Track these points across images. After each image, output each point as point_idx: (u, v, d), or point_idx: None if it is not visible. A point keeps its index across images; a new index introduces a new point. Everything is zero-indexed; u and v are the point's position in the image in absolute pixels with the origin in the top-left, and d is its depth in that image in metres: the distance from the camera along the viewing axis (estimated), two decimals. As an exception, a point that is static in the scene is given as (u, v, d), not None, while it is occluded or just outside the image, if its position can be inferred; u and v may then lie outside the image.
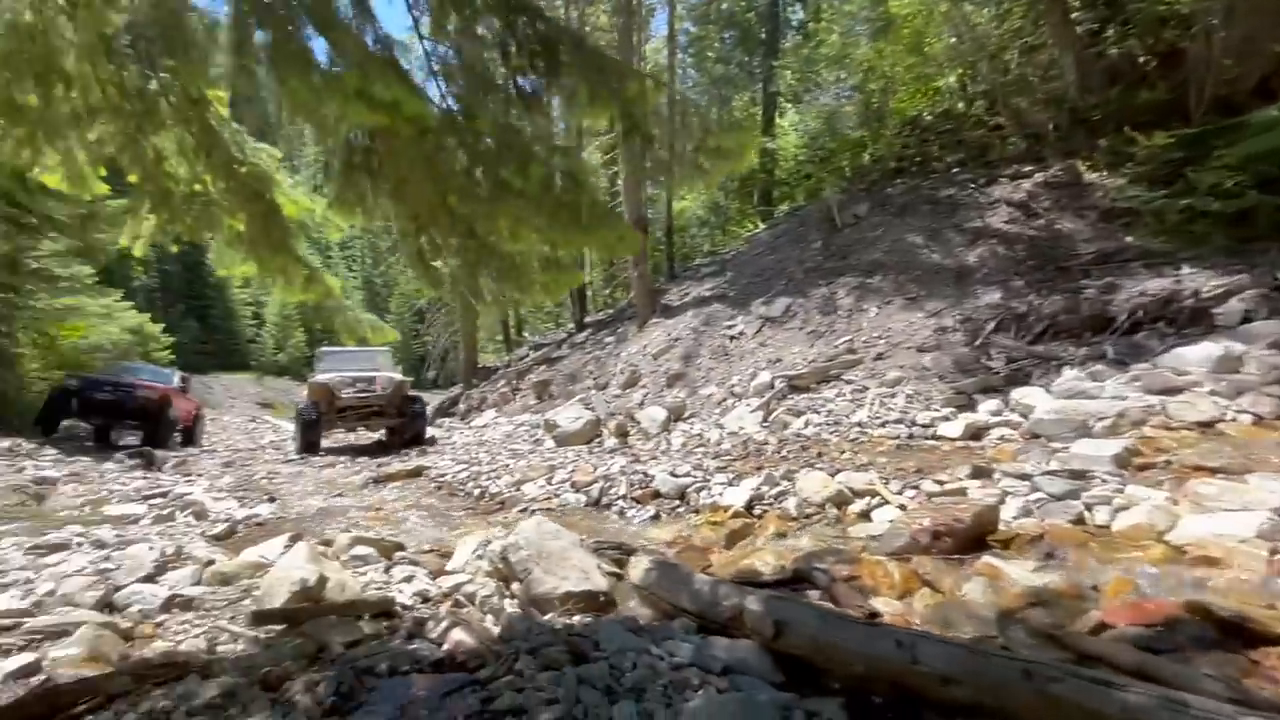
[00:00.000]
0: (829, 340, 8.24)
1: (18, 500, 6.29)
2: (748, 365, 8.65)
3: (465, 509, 5.57)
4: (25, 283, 10.99)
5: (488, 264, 2.63)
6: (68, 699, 1.73)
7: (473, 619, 2.73)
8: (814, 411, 6.54)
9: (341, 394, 10.02)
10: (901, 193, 10.98)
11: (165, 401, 11.48)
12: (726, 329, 9.88)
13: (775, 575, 2.87)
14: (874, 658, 1.69)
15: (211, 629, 2.77)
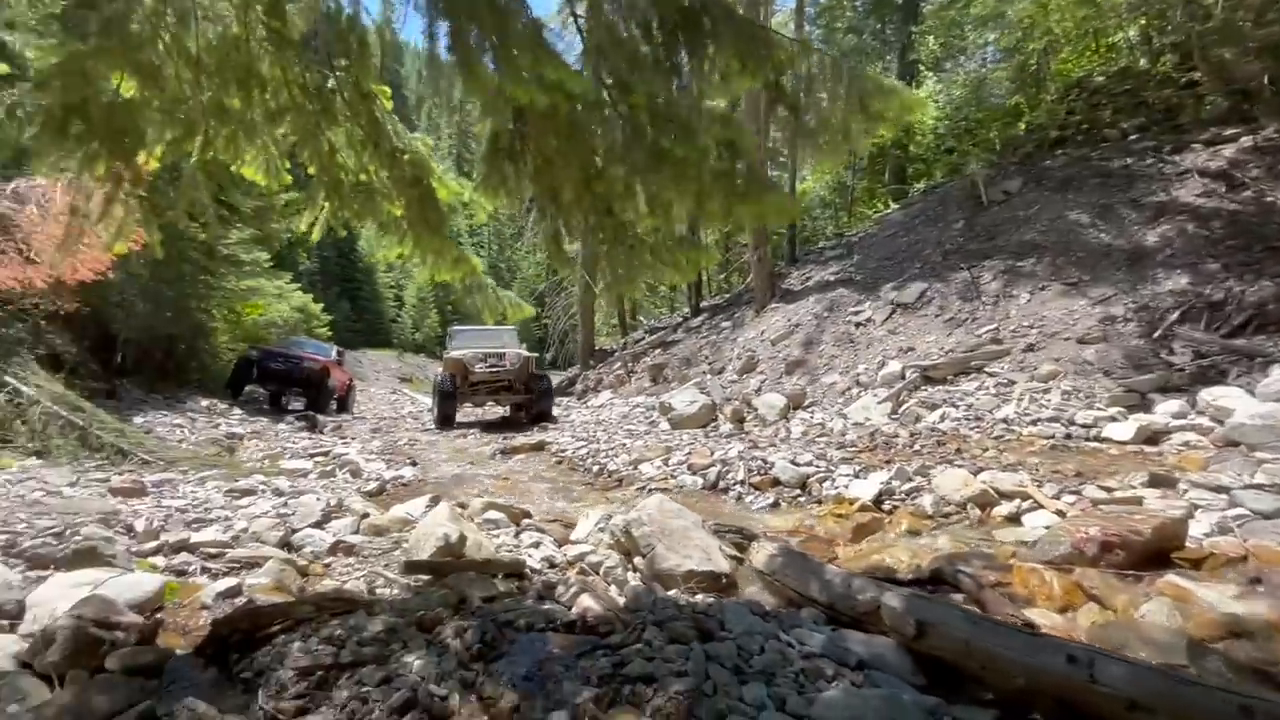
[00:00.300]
0: (970, 329, 7.58)
1: (215, 451, 7.41)
2: (875, 353, 8.19)
3: (584, 484, 5.79)
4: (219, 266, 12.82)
5: (622, 242, 2.67)
6: (266, 619, 2.01)
7: (598, 587, 2.83)
8: (951, 405, 6.07)
9: (474, 368, 10.44)
10: (1063, 165, 9.79)
11: (325, 372, 12.96)
12: (852, 315, 9.41)
13: (911, 574, 2.71)
14: (1039, 671, 1.53)
15: (370, 573, 3.10)
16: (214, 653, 1.93)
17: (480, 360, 10.50)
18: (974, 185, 10.44)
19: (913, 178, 15.91)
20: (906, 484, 4.07)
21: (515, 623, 2.14)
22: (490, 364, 10.52)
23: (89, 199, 2.49)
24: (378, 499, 5.14)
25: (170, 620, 2.31)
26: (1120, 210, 8.16)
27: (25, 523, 3.31)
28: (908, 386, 6.86)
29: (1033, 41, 11.61)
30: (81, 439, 6.01)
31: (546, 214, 2.78)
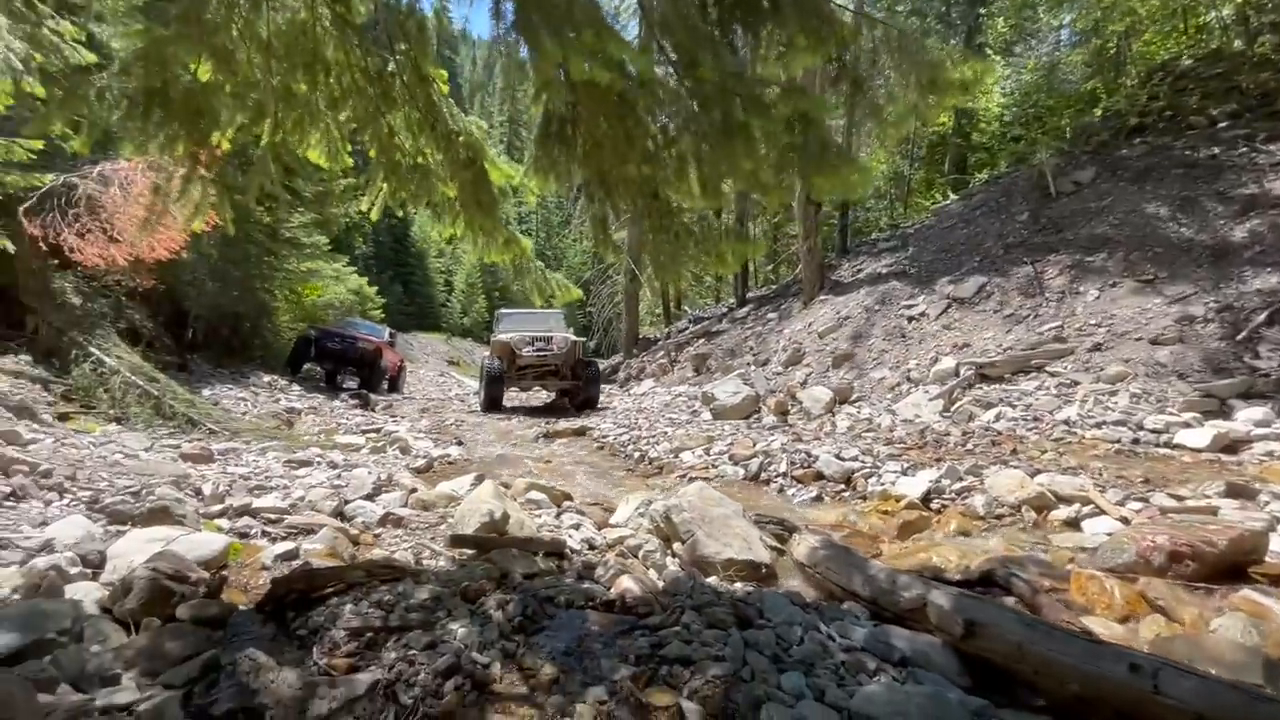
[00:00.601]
0: (1031, 326, 7.25)
1: (276, 424, 7.78)
2: (928, 349, 7.93)
3: (625, 469, 5.84)
4: (281, 249, 13.39)
5: (668, 229, 2.66)
6: (321, 581, 2.11)
7: (637, 570, 2.86)
8: (1007, 404, 5.83)
9: (521, 352, 10.31)
10: (1141, 155, 9.21)
11: (379, 353, 13.41)
12: (905, 309, 9.13)
13: (960, 575, 2.62)
14: (1098, 678, 1.46)
15: (417, 545, 3.22)
16: (273, 610, 2.04)
17: (527, 344, 10.34)
18: (1041, 175, 9.93)
19: (974, 168, 15.26)
20: (957, 483, 3.94)
21: (556, 599, 2.18)
22: (538, 348, 10.35)
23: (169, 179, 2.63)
24: (425, 475, 5.31)
25: (233, 578, 2.44)
26: (1204, 203, 7.63)
27: (107, 481, 3.56)
28: (962, 384, 6.62)
29: (1113, 23, 10.92)
30: (156, 408, 6.40)
31: (594, 198, 2.79)
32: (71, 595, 2.07)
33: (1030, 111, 12.52)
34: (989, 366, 6.69)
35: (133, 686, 1.53)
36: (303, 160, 3.26)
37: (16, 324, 7.00)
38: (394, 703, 1.53)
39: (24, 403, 5.29)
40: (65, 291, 7.42)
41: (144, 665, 1.64)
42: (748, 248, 3.01)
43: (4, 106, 3.06)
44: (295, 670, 1.60)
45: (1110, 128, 10.41)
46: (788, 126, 1.96)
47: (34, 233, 6.37)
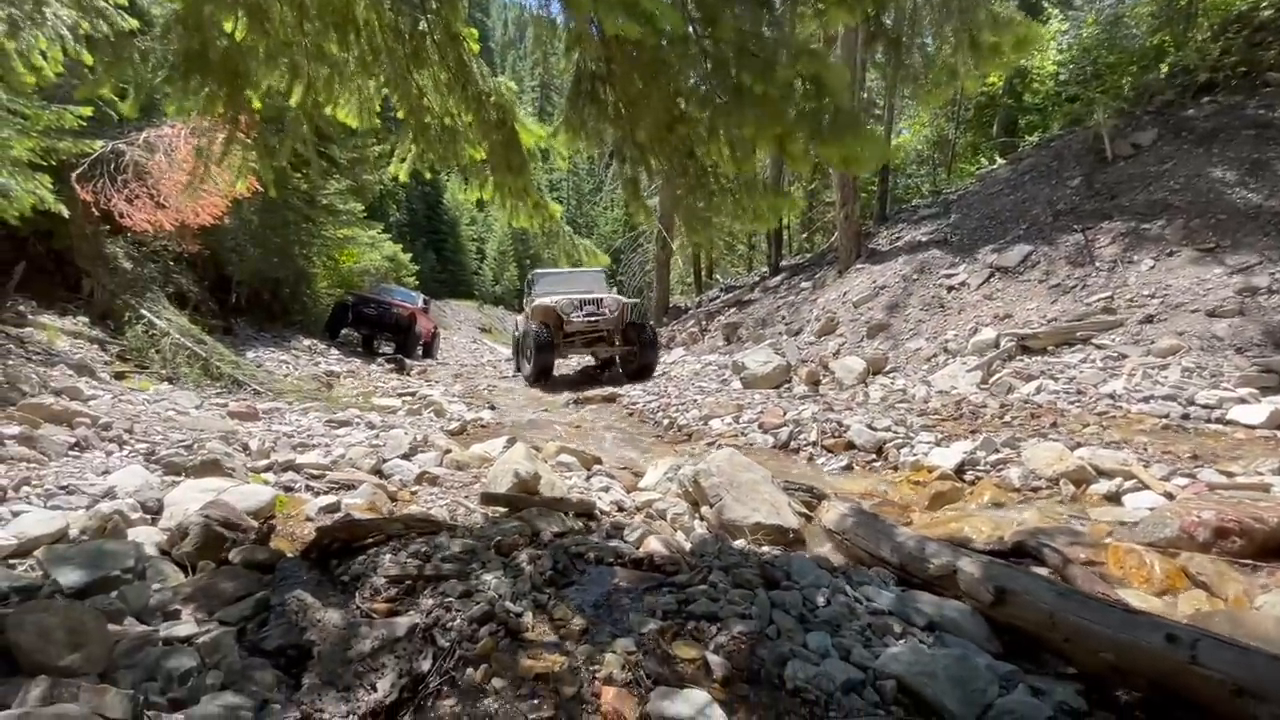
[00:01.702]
0: (1078, 297, 6.99)
1: (316, 386, 8.04)
2: (967, 320, 7.72)
3: (654, 436, 5.89)
4: (318, 215, 13.62)
5: (703, 187, 2.62)
6: (362, 532, 2.21)
7: (665, 531, 2.91)
8: (1049, 377, 5.67)
9: (570, 317, 9.39)
10: (1209, 114, 8.65)
11: (413, 319, 13.66)
12: (944, 278, 8.87)
13: (991, 545, 2.60)
14: (1133, 648, 1.45)
15: (452, 502, 3.33)
16: (317, 557, 2.14)
17: (576, 308, 9.41)
18: (1097, 137, 9.42)
19: (1025, 130, 14.55)
20: (992, 455, 3.87)
21: (585, 555, 2.24)
22: (588, 312, 9.44)
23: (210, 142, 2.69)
24: (459, 437, 5.46)
25: (280, 528, 2.57)
26: (1277, 167, 7.16)
27: (162, 435, 3.75)
28: (1001, 355, 6.45)
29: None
30: (204, 368, 6.68)
31: (626, 158, 2.75)
32: (133, 538, 2.20)
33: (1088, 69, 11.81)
34: (1031, 338, 6.49)
35: (191, 621, 1.64)
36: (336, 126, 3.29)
37: (73, 286, 7.33)
38: (431, 644, 1.61)
39: (83, 361, 5.57)
40: (117, 256, 7.72)
41: (201, 603, 1.75)
42: (784, 202, 2.94)
43: (55, 73, 3.16)
44: (339, 611, 1.69)
45: (1176, 86, 9.77)
46: (803, 92, 1.89)
47: (86, 198, 6.61)
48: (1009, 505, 3.30)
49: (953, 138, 16.95)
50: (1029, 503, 3.31)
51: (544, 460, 4.03)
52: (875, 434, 4.58)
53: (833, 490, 3.73)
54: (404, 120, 3.25)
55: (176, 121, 6.66)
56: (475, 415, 6.47)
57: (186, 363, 6.62)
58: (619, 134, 2.82)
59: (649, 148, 2.74)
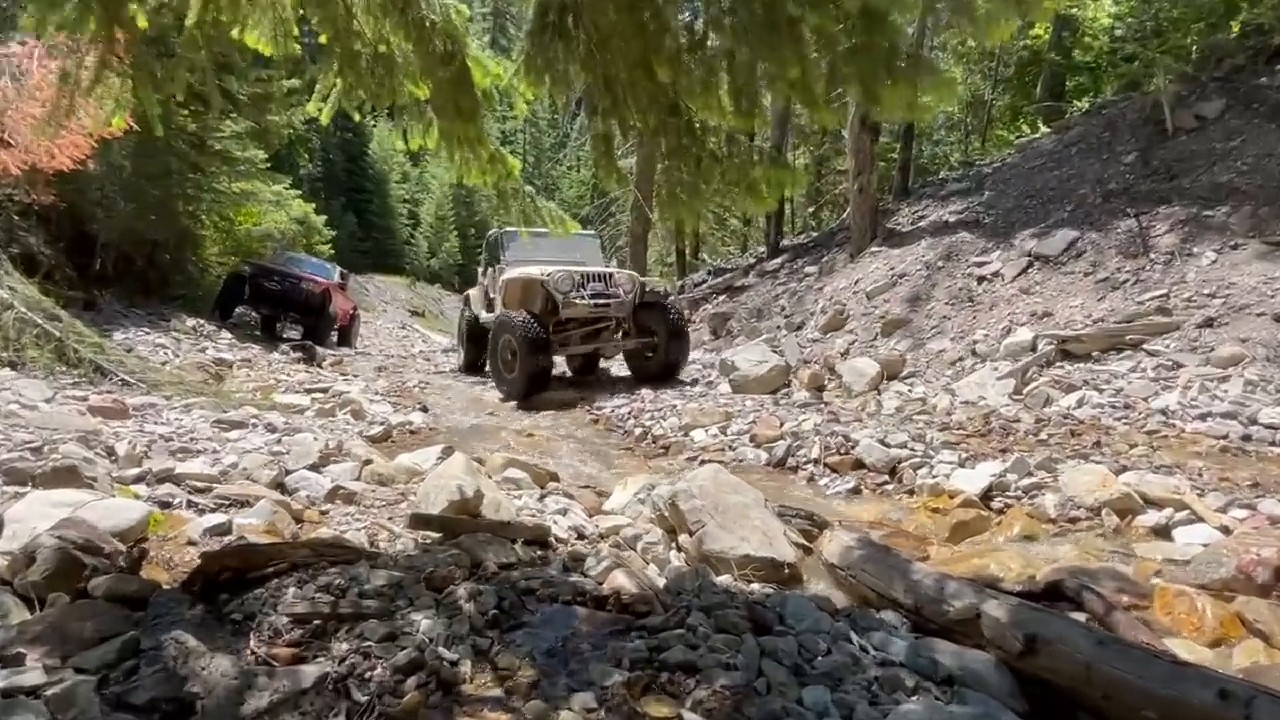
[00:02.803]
0: (1129, 293, 7.21)
1: (202, 378, 7.88)
2: (1000, 317, 7.92)
3: (623, 448, 5.94)
4: (209, 163, 13.28)
5: (689, 150, 2.63)
6: (259, 559, 2.18)
7: (635, 564, 2.93)
8: (1093, 388, 5.86)
9: (570, 298, 8.15)
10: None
11: (327, 297, 13.45)
12: (975, 266, 9.08)
13: (1021, 585, 2.68)
14: (1180, 705, 1.51)
15: (373, 525, 3.30)
16: (202, 590, 2.10)
17: (576, 285, 8.25)
18: (1156, 106, 9.72)
19: (1073, 94, 14.95)
20: (1025, 479, 3.99)
21: (537, 592, 2.25)
22: (594, 291, 8.33)
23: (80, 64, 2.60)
24: (382, 445, 5.43)
25: (154, 553, 2.51)
26: (1357, 149, 7.49)
27: (2, 434, 3.63)
28: (1039, 361, 6.63)
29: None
30: (58, 351, 6.46)
31: (598, 109, 2.75)
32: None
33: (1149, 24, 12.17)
34: (1074, 341, 6.68)
35: (39, 668, 1.60)
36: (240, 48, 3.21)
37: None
38: (346, 698, 1.59)
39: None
40: (-55, 205, 7.43)
41: (52, 645, 1.70)
42: (787, 176, 2.98)
43: None
44: (230, 658, 1.67)
45: (1248, 49, 10.14)
46: (847, 26, 1.92)
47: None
48: (1043, 538, 3.41)
49: (989, 99, 17.32)
50: (1066, 536, 3.42)
51: (488, 475, 4.02)
52: (888, 451, 4.67)
53: (837, 517, 3.79)
54: (327, 47, 3.20)
55: (31, 38, 6.42)
56: (403, 418, 6.45)
57: (34, 344, 6.40)
58: (590, 79, 2.82)
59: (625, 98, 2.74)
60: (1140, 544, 3.24)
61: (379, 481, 4.09)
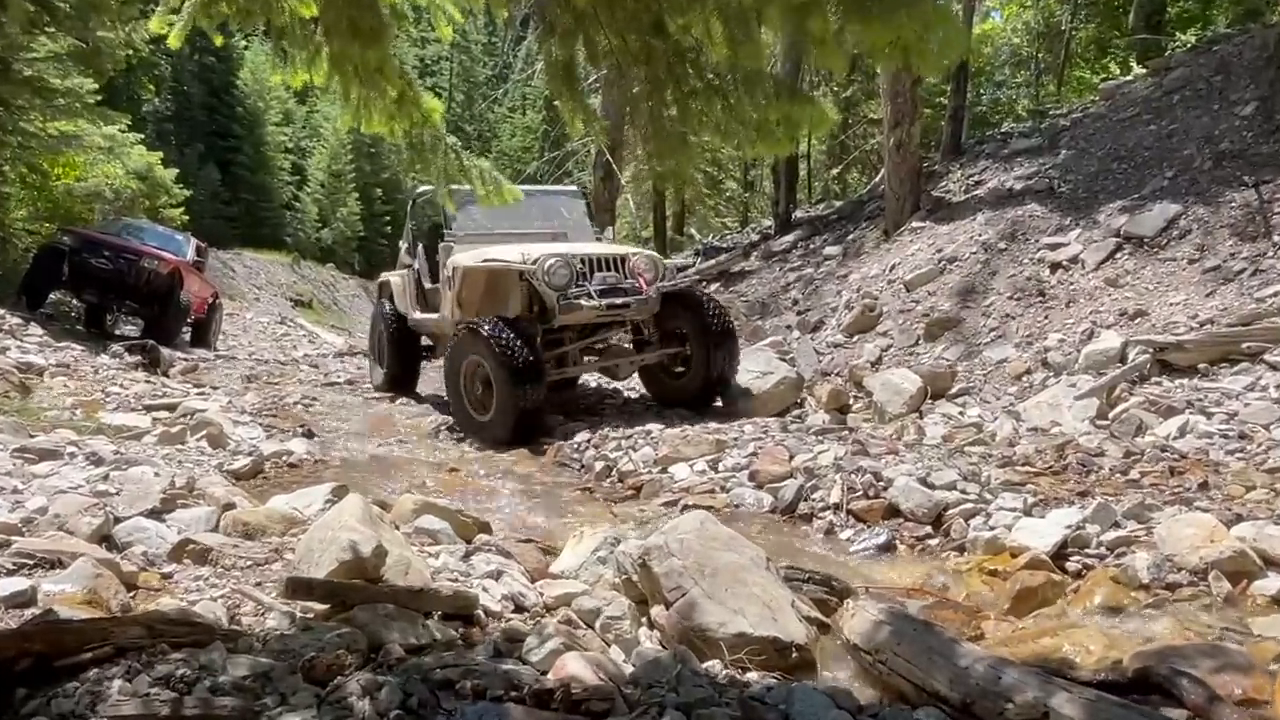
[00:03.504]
0: (1246, 287, 7.41)
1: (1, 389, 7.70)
2: (1079, 317, 8.08)
3: (579, 488, 5.95)
4: (16, 94, 13.04)
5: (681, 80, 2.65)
6: (73, 640, 2.13)
7: (592, 646, 2.92)
8: (1200, 411, 5.99)
9: (572, 296, 7.51)
10: None
11: (176, 279, 13.26)
12: (1047, 250, 9.25)
13: (1102, 672, 2.73)
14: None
15: (233, 593, 3.26)
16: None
17: (576, 276, 7.60)
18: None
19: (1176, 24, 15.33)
20: (1110, 531, 4.04)
21: (458, 686, 2.23)
22: (608, 286, 7.71)
23: None
24: (250, 483, 5.39)
25: (-74, 633, 2.45)
26: None
27: None
28: (1129, 375, 6.76)
29: None
30: None
31: (554, 28, 2.76)
32: None
33: (1273, -64, 12.57)
34: (1175, 349, 6.82)
35: None
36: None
37: None
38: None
39: None
40: None
41: None
42: (805, 111, 3.00)
43: None
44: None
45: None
46: None
47: None
48: (1132, 610, 3.45)
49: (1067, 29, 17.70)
50: (1162, 607, 3.46)
51: (394, 526, 3.99)
52: (932, 494, 4.70)
53: (862, 583, 3.81)
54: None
55: None
56: (280, 447, 6.41)
57: None
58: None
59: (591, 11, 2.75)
60: (1258, 618, 3.29)
61: (244, 534, 4.04)
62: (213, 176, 35.02)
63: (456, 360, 7.57)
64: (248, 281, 30.45)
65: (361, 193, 43.83)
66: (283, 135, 42.85)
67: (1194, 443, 5.52)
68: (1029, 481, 4.94)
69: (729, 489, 5.39)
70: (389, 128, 3.24)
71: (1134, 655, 2.88)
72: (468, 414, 7.58)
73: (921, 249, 10.69)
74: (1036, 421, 6.47)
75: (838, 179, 22.18)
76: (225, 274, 27.19)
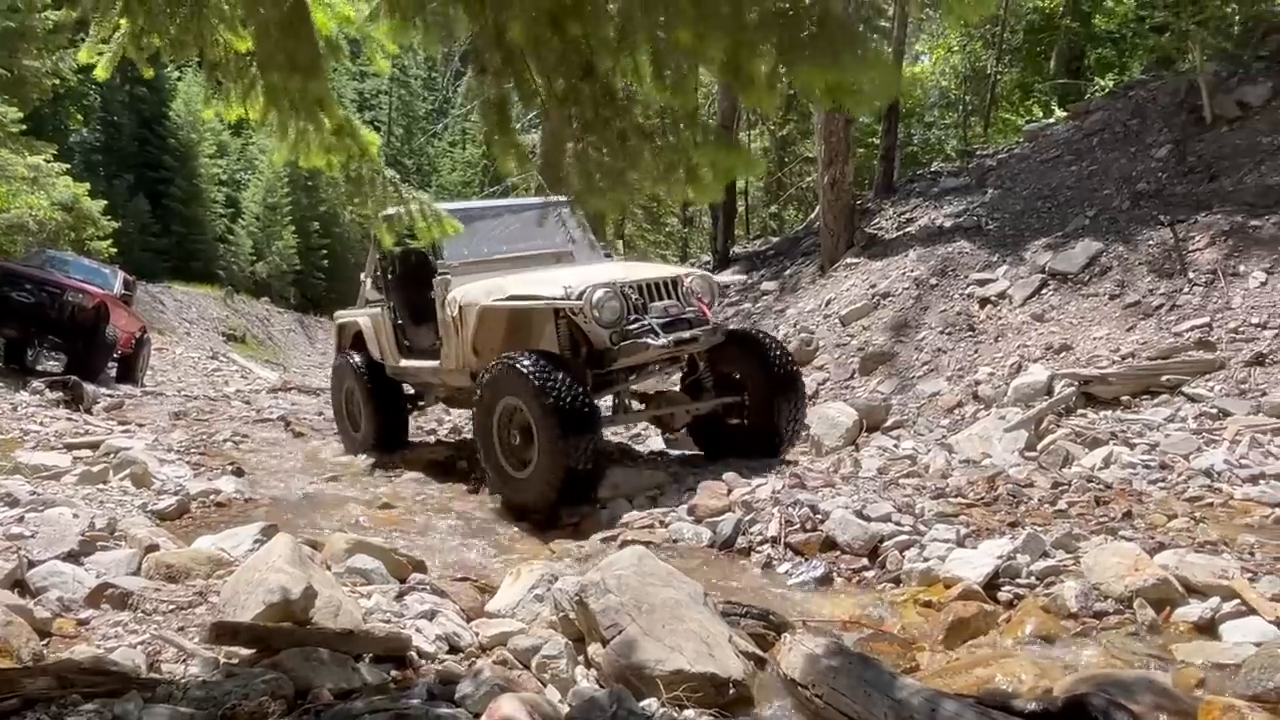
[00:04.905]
0: (1164, 321, 7.68)
1: (-92, 428, 7.39)
2: (1008, 351, 8.28)
3: (516, 524, 5.87)
4: (-65, 122, 12.68)
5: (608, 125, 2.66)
6: (-24, 693, 2.03)
7: (528, 687, 2.87)
8: (1123, 442, 6.16)
9: (632, 333, 6.35)
10: (1339, 68, 9.88)
11: (102, 313, 12.96)
12: (976, 285, 9.50)
13: (1036, 702, 2.76)
14: None
15: (153, 639, 3.15)
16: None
17: (633, 309, 6.46)
18: (1193, 89, 10.49)
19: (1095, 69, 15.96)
20: (1039, 561, 4.12)
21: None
22: (671, 315, 6.56)
23: None
24: (176, 524, 5.26)
25: None
26: None
27: None
28: (1056, 407, 6.93)
29: None
30: None
31: (489, 67, 2.76)
32: None
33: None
34: (1099, 382, 7.03)
35: None
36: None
37: None
38: None
39: None
40: None
41: None
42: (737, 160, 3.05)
43: None
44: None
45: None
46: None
47: None
48: (1062, 639, 3.51)
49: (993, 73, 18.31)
50: (1091, 635, 3.53)
51: (324, 566, 3.93)
52: (868, 526, 4.74)
53: (801, 616, 3.81)
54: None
55: None
56: (208, 485, 6.27)
57: None
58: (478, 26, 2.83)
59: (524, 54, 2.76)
60: (1181, 644, 3.37)
61: (167, 576, 3.94)
62: (143, 208, 34.30)
63: (489, 402, 6.31)
64: (178, 315, 29.76)
65: (298, 226, 43.20)
66: (217, 167, 42.15)
67: (1118, 473, 5.68)
68: (962, 513, 5.01)
69: (668, 524, 5.37)
70: (327, 161, 3.21)
71: (1065, 684, 2.92)
72: (500, 468, 6.30)
73: (856, 284, 10.88)
74: (968, 453, 6.59)
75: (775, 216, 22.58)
76: (155, 308, 26.57)
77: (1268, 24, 11.42)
